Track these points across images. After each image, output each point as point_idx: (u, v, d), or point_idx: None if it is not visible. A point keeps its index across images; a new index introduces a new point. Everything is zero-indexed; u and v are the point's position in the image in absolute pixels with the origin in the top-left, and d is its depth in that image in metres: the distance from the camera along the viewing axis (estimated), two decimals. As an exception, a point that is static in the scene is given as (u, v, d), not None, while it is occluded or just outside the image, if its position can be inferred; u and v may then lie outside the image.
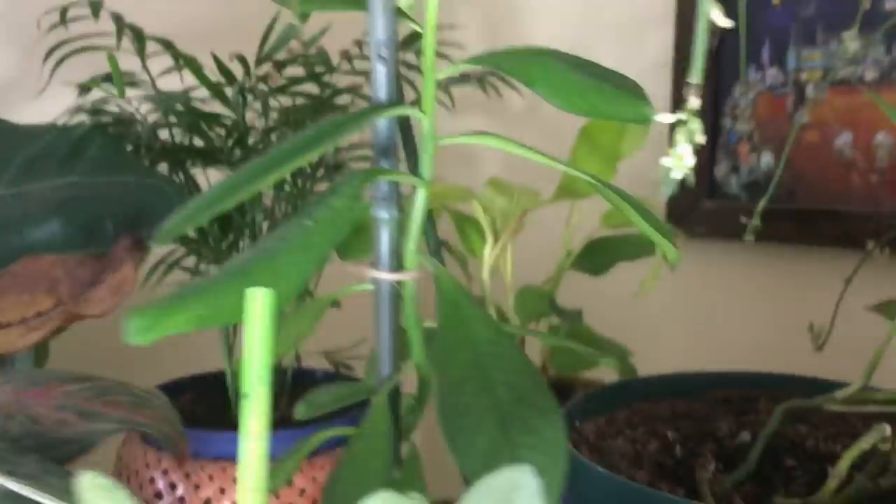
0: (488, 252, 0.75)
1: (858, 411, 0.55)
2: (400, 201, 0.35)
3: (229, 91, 0.60)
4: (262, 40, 0.63)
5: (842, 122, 0.95)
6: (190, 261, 0.65)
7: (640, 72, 0.95)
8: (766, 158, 1.01)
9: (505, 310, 0.77)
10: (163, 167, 0.62)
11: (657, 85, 1.05)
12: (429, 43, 0.33)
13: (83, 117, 0.60)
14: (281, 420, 0.67)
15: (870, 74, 0.93)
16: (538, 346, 0.78)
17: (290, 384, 0.70)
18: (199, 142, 0.61)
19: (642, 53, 1.08)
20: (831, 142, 0.95)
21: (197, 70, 0.58)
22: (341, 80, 0.67)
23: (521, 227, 0.82)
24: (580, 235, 0.80)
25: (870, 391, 0.56)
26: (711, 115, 1.05)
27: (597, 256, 0.79)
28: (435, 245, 0.78)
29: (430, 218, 0.77)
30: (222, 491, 0.60)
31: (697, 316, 1.06)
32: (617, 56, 1.11)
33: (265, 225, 0.65)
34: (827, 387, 0.59)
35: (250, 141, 0.63)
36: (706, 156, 1.04)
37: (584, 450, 0.55)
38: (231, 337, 0.66)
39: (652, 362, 1.10)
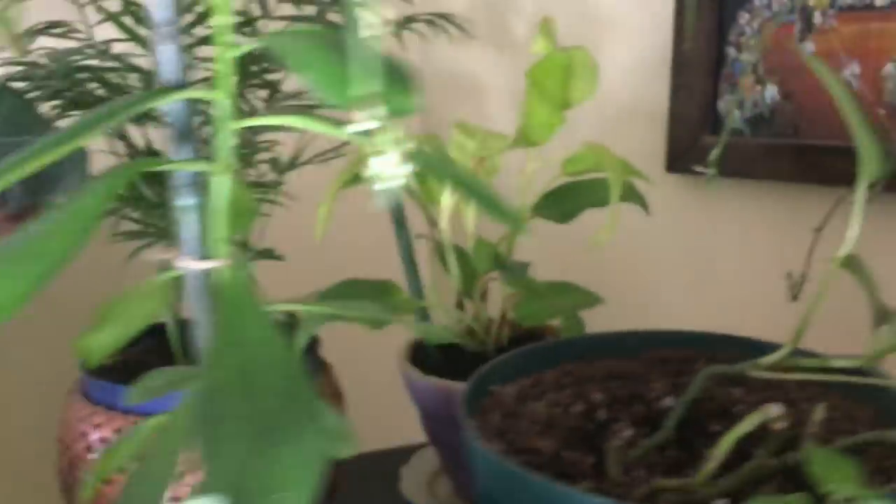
0: (446, 199, 0.73)
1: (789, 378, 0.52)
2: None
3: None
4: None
5: (849, 51, 0.89)
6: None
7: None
8: (771, 91, 0.95)
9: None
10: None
11: (656, 32, 1.00)
12: (222, 19, 0.31)
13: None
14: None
15: (880, 1, 0.86)
16: (500, 295, 0.76)
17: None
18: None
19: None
20: (838, 73, 0.89)
21: (113, 16, 0.57)
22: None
23: (483, 172, 0.79)
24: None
25: (801, 356, 0.53)
26: (716, 44, 0.99)
27: (561, 204, 0.76)
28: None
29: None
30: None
31: (697, 258, 1.03)
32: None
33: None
34: (771, 349, 0.57)
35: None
36: (709, 88, 0.99)
37: (495, 416, 0.54)
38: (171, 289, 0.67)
39: (651, 307, 1.08)
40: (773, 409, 0.42)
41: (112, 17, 0.56)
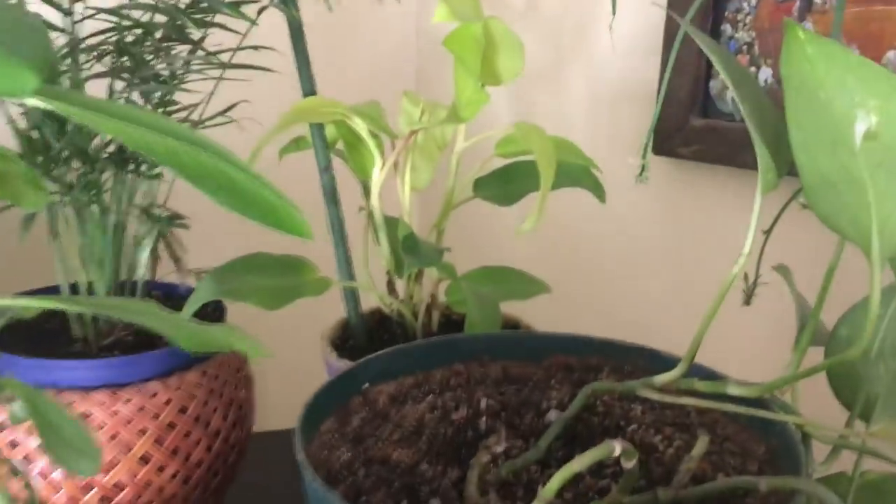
0: (377, 175, 0.69)
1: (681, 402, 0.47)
2: None
3: None
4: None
5: (849, 35, 0.81)
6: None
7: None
8: (765, 73, 0.88)
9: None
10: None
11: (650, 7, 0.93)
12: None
13: None
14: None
15: (885, -21, 0.78)
16: (432, 280, 0.72)
17: (142, 298, 0.67)
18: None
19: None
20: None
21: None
22: None
23: (433, 146, 0.74)
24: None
25: (702, 376, 0.47)
26: (712, 20, 0.92)
27: (504, 185, 0.71)
28: (324, 164, 0.72)
29: (320, 134, 0.72)
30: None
31: (682, 248, 0.96)
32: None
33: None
34: (674, 364, 0.51)
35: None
36: (701, 67, 0.92)
37: (356, 418, 0.49)
38: (63, 249, 0.63)
39: (631, 296, 1.02)
40: (616, 447, 0.37)
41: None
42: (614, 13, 0.51)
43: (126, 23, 0.58)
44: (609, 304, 1.05)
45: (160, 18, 0.62)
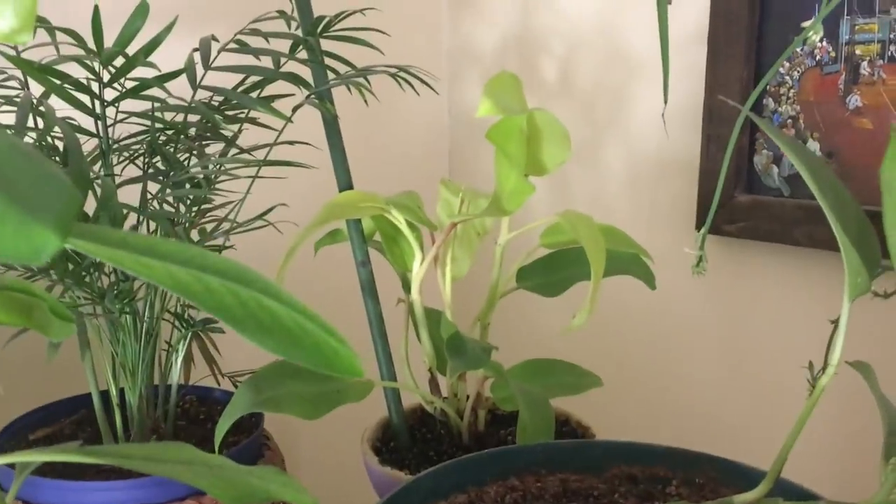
0: (417, 268, 0.66)
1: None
2: None
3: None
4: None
5: (900, 105, 0.79)
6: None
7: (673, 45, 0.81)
8: (812, 147, 0.85)
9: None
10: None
11: (689, 80, 0.91)
12: None
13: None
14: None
15: (934, 49, 0.76)
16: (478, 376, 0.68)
17: (176, 403, 0.64)
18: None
19: (674, 22, 0.93)
20: (886, 129, 0.79)
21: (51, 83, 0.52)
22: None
23: (473, 234, 0.72)
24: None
25: (787, 493, 0.43)
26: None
27: (548, 275, 0.68)
28: (361, 258, 0.70)
29: (356, 227, 0.69)
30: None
31: (730, 328, 0.92)
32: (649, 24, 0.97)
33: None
34: (756, 476, 0.47)
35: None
36: (745, 142, 0.89)
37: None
38: (94, 358, 0.61)
39: (685, 384, 0.98)
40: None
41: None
42: (666, 101, 0.48)
43: (158, 125, 0.56)
44: (662, 393, 1.00)
45: (193, 117, 0.61)
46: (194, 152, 0.59)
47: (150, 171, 0.57)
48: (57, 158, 0.56)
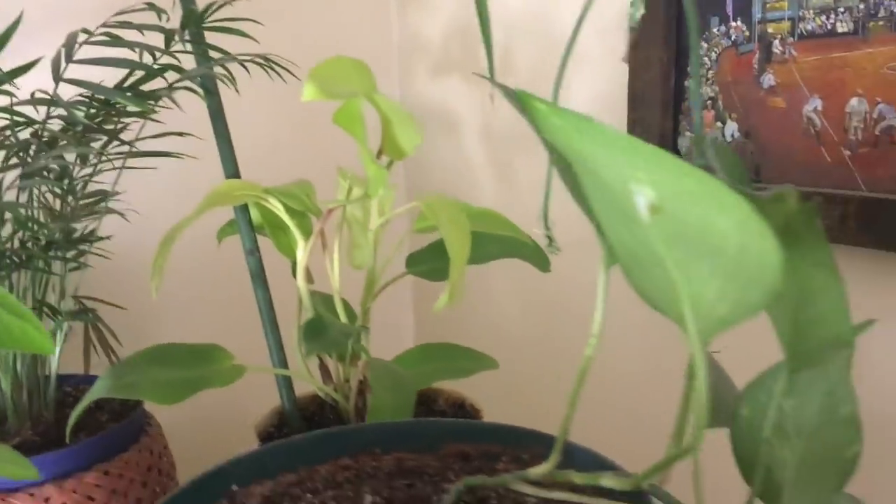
0: (301, 255, 0.67)
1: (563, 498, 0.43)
2: None
3: None
4: None
5: (810, 85, 0.78)
6: None
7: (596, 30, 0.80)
8: (731, 128, 0.84)
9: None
10: None
11: (614, 66, 0.91)
12: None
13: None
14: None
15: (842, 27, 0.74)
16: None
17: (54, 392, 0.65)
18: None
19: (596, 7, 0.93)
20: (799, 108, 0.78)
21: None
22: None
23: (357, 224, 0.72)
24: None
25: (581, 466, 0.43)
26: (674, 76, 0.89)
27: (435, 261, 0.68)
28: (249, 246, 0.71)
29: (244, 216, 0.70)
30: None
31: (637, 315, 0.92)
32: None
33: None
34: (581, 454, 0.47)
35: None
36: (668, 124, 0.89)
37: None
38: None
39: (576, 364, 0.96)
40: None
41: None
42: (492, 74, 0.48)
43: (19, 119, 0.58)
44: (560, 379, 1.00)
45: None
46: (79, 146, 0.60)
47: (21, 165, 0.59)
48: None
